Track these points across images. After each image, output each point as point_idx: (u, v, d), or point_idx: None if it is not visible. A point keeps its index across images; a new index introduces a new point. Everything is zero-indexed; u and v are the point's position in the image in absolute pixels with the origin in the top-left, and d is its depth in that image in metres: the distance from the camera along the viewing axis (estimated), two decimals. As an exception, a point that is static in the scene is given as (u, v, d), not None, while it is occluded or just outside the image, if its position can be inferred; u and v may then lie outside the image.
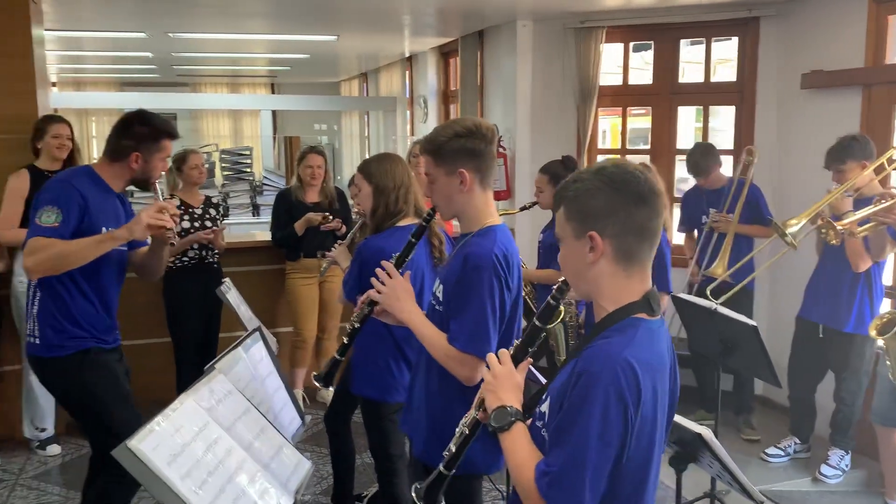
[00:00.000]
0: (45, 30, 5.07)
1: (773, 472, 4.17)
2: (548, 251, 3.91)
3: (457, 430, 1.71)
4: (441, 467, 1.70)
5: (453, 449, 1.69)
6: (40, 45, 4.47)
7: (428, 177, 2.17)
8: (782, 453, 4.29)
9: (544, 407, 1.56)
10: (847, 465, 4.06)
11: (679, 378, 1.61)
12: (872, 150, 3.71)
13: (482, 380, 1.66)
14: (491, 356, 1.64)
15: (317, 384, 2.34)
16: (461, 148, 2.09)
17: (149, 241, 2.83)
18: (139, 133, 2.72)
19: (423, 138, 2.22)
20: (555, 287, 1.62)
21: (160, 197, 2.82)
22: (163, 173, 2.89)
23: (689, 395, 4.95)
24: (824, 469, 4.02)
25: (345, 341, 2.31)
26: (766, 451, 4.32)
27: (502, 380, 1.59)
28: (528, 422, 1.61)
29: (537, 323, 1.66)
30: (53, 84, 11.89)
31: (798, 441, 4.29)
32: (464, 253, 2.11)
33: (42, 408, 4.24)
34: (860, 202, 3.68)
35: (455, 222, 2.31)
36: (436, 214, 2.25)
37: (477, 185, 2.13)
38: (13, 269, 4.09)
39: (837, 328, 3.91)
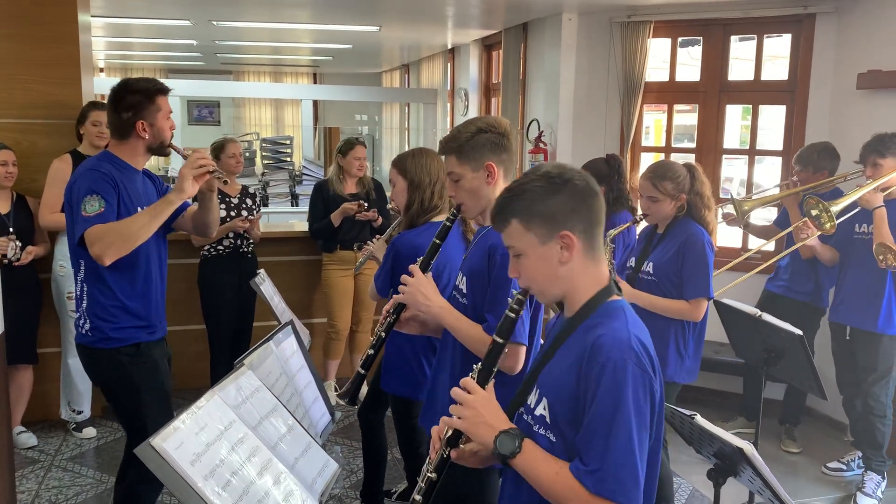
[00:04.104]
0: (93, 16, 5.12)
1: (814, 487, 4.04)
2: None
3: (419, 478, 1.63)
4: None
5: (420, 500, 1.61)
6: (86, 31, 4.51)
7: (451, 175, 2.16)
8: (844, 468, 4.13)
9: (540, 410, 1.55)
10: (883, 491, 3.87)
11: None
12: None
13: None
14: (456, 390, 1.57)
15: (341, 401, 2.28)
16: (486, 142, 2.12)
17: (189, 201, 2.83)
18: (133, 102, 2.67)
19: (442, 140, 2.20)
20: (512, 299, 1.61)
21: (182, 153, 2.80)
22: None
23: (732, 402, 4.84)
24: (861, 499, 3.82)
25: (370, 352, 2.25)
26: (827, 465, 4.17)
27: (482, 407, 1.54)
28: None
29: (498, 339, 1.61)
30: (101, 70, 12.09)
31: (861, 455, 4.07)
32: (487, 244, 2.08)
33: (79, 390, 4.29)
34: (889, 202, 3.70)
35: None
36: (460, 213, 2.21)
37: (502, 178, 2.14)
38: (54, 253, 4.14)
39: (864, 328, 3.82)
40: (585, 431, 1.44)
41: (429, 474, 1.61)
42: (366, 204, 4.60)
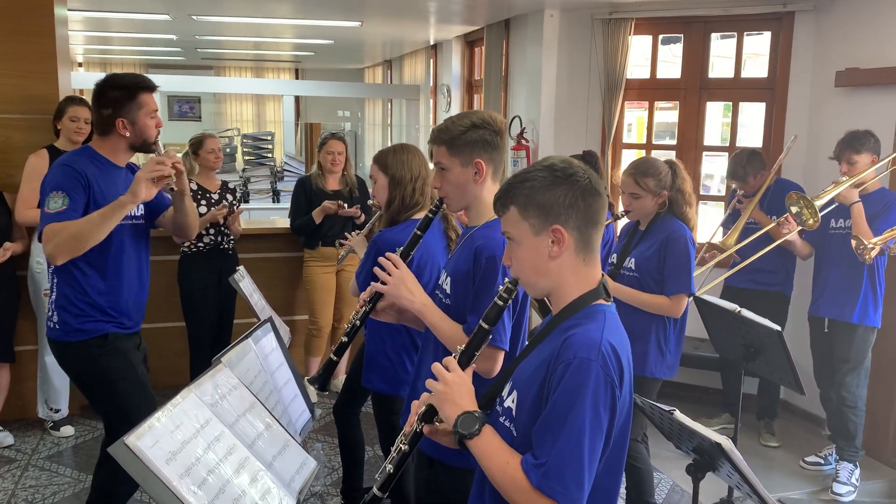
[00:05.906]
0: (70, 10, 5.06)
1: (792, 481, 4.07)
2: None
3: (393, 448, 1.65)
4: (375, 489, 1.64)
5: (390, 469, 1.63)
6: (63, 24, 4.45)
7: (438, 165, 2.12)
8: (822, 462, 4.17)
9: (509, 402, 1.56)
10: (858, 479, 3.92)
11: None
12: (880, 146, 3.84)
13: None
14: (436, 365, 1.58)
15: (312, 386, 2.27)
16: (478, 139, 2.06)
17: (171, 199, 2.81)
18: (114, 98, 2.63)
19: (434, 129, 2.16)
20: (501, 288, 1.61)
21: (160, 153, 2.76)
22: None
23: (716, 398, 4.87)
24: (837, 487, 3.88)
25: (343, 340, 2.24)
26: (805, 459, 4.21)
27: (456, 386, 1.55)
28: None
29: (484, 325, 1.62)
30: (80, 65, 11.94)
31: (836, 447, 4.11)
32: (473, 245, 2.05)
33: (56, 388, 4.24)
34: (863, 197, 3.78)
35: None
36: (442, 206, 2.19)
37: (490, 176, 2.10)
38: (31, 250, 4.09)
39: (842, 319, 3.88)
40: (539, 425, 1.44)
41: (402, 446, 1.63)
42: (345, 204, 4.58)
